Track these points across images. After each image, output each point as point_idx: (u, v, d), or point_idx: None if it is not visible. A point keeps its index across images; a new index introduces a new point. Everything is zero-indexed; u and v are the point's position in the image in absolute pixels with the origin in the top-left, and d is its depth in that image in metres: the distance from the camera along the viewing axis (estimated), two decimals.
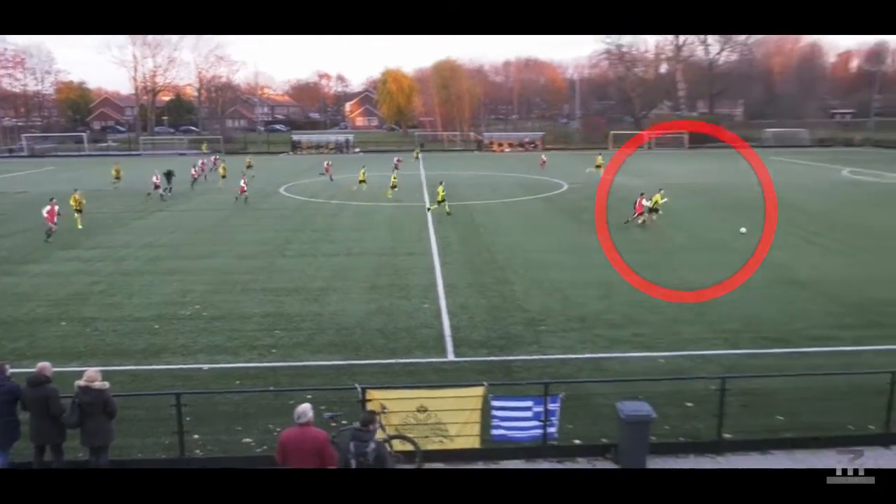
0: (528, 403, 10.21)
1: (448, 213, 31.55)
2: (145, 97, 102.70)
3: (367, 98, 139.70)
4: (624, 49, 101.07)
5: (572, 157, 68.95)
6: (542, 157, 59.74)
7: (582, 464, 10.12)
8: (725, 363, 13.57)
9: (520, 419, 10.23)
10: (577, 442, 10.49)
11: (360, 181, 41.80)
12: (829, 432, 10.67)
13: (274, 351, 14.58)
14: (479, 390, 10.13)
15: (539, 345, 14.84)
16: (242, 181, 37.74)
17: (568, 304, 17.79)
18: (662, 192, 30.02)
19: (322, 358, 14.19)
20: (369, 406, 9.81)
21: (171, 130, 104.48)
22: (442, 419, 10.06)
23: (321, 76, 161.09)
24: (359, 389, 10.06)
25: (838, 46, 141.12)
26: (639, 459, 9.90)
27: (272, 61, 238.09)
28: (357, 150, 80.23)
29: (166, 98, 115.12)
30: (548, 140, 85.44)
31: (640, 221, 28.46)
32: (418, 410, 10.04)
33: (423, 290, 19.22)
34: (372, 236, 27.40)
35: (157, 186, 39.04)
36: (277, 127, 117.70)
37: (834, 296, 18.30)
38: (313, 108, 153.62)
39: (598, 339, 15.17)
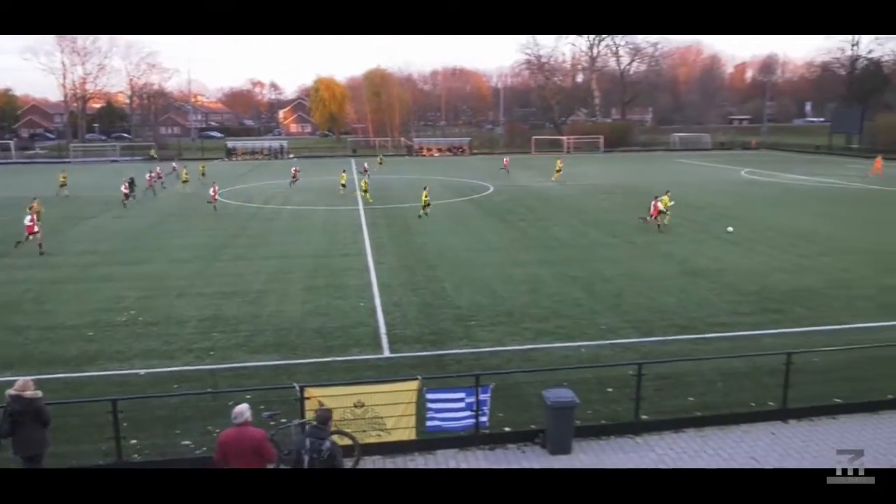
0: (461, 395, 10.67)
1: (419, 217, 31.80)
2: (75, 104, 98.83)
3: (300, 105, 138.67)
4: (543, 59, 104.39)
5: (498, 161, 70.32)
6: (505, 159, 59.98)
7: (512, 450, 10.71)
8: (641, 350, 14.50)
9: (453, 410, 10.67)
10: (507, 429, 10.97)
11: (342, 184, 41.76)
12: (734, 410, 11.60)
13: (212, 353, 14.59)
14: (414, 384, 10.54)
15: (470, 339, 15.45)
16: (212, 189, 36.87)
17: (496, 299, 18.53)
18: (669, 193, 30.06)
19: (260, 359, 14.31)
20: (308, 405, 10.11)
21: (103, 137, 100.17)
22: (379, 413, 10.41)
23: (254, 84, 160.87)
24: (297, 388, 10.30)
25: (735, 58, 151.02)
26: (565, 443, 10.55)
27: (205, 69, 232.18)
28: (292, 155, 79.29)
29: (97, 105, 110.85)
30: (474, 145, 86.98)
31: (657, 224, 28.46)
32: (356, 406, 10.35)
33: (358, 290, 19.56)
34: (307, 239, 27.52)
35: (127, 196, 37.71)
36: (212, 134, 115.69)
37: (734, 285, 19.74)
38: (247, 116, 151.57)
39: (525, 331, 15.92)
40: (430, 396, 10.56)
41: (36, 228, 24.75)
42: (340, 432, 10.22)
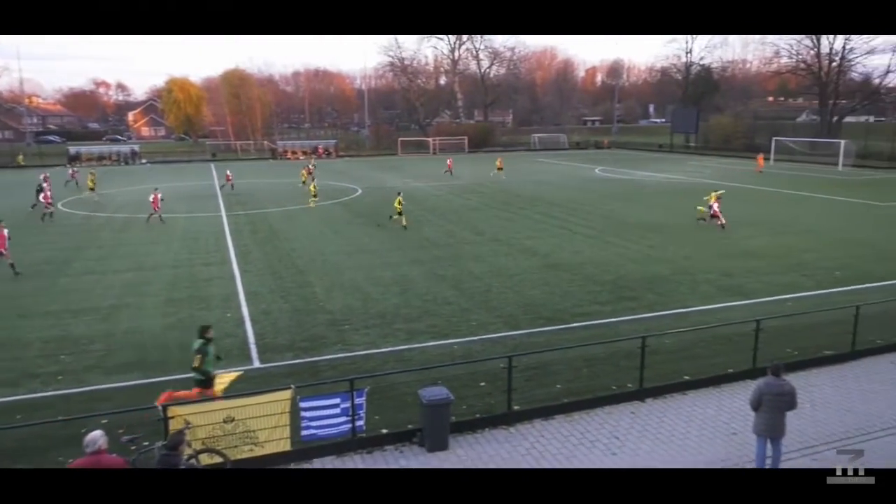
0: (336, 400, 10.55)
1: (404, 228, 29.25)
2: None
3: (151, 107, 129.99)
4: (406, 62, 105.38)
5: (365, 163, 70.19)
6: (448, 160, 58.98)
7: (390, 451, 10.72)
8: (510, 343, 14.99)
9: (328, 416, 10.52)
10: (384, 431, 10.96)
11: (313, 196, 38.25)
12: (598, 393, 12.32)
13: (60, 378, 13.33)
14: (286, 393, 10.27)
15: (343, 343, 15.25)
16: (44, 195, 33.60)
17: (368, 302, 18.44)
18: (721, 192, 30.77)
19: (117, 379, 13.29)
20: (172, 424, 9.56)
21: None
22: (250, 426, 10.06)
23: (98, 84, 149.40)
24: (159, 408, 9.73)
25: (586, 63, 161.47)
26: (442, 440, 10.74)
27: (39, 68, 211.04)
28: (144, 161, 74.15)
29: None
30: (341, 147, 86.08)
31: (718, 223, 28.54)
32: (225, 421, 9.95)
33: (223, 300, 18.71)
34: (165, 249, 25.82)
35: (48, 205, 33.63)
36: (50, 138, 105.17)
37: (592, 276, 20.97)
38: (91, 118, 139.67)
39: (399, 332, 15.96)
40: (303, 405, 10.34)
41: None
42: (210, 450, 9.78)
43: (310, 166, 52.15)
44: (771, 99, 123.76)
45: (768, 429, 9.63)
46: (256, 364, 14.12)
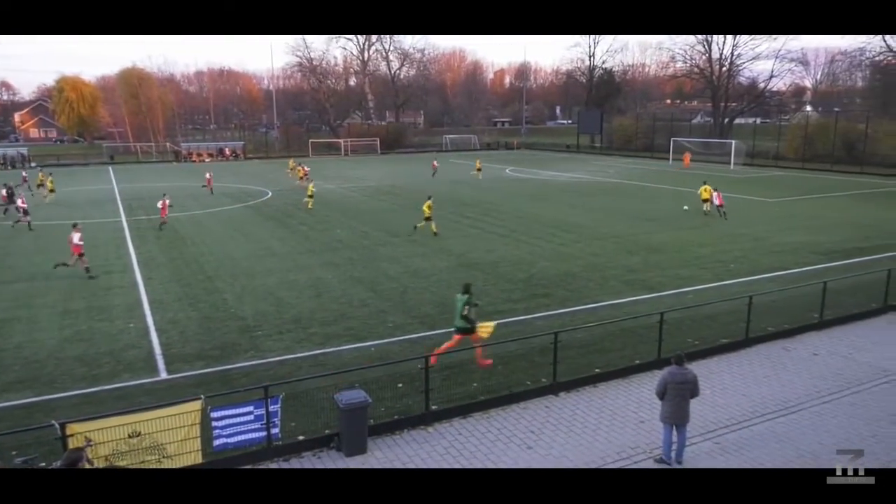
0: (249, 408, 10.28)
1: (434, 234, 27.79)
2: None
3: (41, 107, 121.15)
4: (315, 62, 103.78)
5: (274, 165, 68.58)
6: (434, 162, 58.70)
7: (307, 457, 10.54)
8: (427, 343, 15.00)
9: (241, 425, 10.25)
10: (301, 437, 10.77)
11: (309, 196, 36.65)
12: (513, 389, 12.56)
13: None
14: (196, 404, 9.92)
15: (256, 350, 14.84)
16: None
17: (282, 306, 18.03)
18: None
19: (8, 398, 12.36)
20: (72, 441, 9.01)
21: None
22: (158, 440, 9.65)
23: None
24: (56, 426, 9.14)
25: (495, 65, 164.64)
26: (360, 443, 10.64)
27: None
28: (34, 164, 69.26)
29: None
30: (248, 149, 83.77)
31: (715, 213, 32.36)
32: (130, 436, 9.49)
33: (126, 310, 17.78)
34: (59, 257, 24.11)
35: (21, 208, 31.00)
36: None
37: (506, 275, 21.38)
38: None
39: (314, 336, 15.69)
40: (214, 415, 10.03)
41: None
42: (113, 468, 9.27)
43: (304, 167, 51.03)
44: (668, 101, 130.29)
45: (673, 416, 10.13)
46: (163, 375, 13.51)
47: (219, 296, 19.11)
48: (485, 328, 13.75)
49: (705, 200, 33.12)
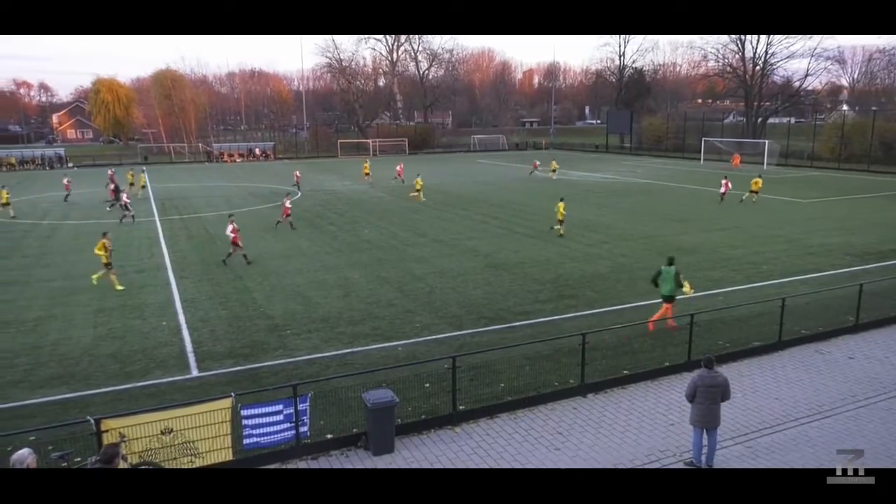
0: (279, 407, 10.41)
1: (560, 236, 27.63)
2: None
3: (78, 109, 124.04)
4: (344, 63, 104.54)
5: (303, 165, 69.19)
6: (535, 162, 60.29)
7: (335, 455, 10.62)
8: (454, 344, 15.07)
9: (271, 424, 10.37)
10: (329, 436, 10.84)
11: (418, 189, 39.23)
12: (541, 390, 12.50)
13: None
14: (227, 402, 10.07)
15: (285, 348, 15.00)
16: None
17: (310, 306, 18.19)
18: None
19: (44, 394, 12.66)
20: (106, 437, 9.21)
21: None
22: (190, 437, 9.81)
23: (19, 84, 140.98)
24: (91, 422, 9.35)
25: (524, 65, 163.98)
26: (387, 443, 10.70)
27: None
28: (71, 164, 71.04)
29: None
30: (279, 150, 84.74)
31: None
32: (163, 433, 9.66)
33: (159, 308, 18.12)
34: (94, 257, 24.63)
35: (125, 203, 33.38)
36: None
37: (533, 275, 21.28)
38: (12, 120, 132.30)
39: (341, 336, 15.81)
40: (245, 413, 10.16)
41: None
42: (147, 464, 9.47)
43: (399, 167, 51.16)
44: (700, 101, 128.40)
45: (703, 419, 9.99)
46: (195, 373, 13.73)
47: (248, 295, 19.37)
48: (688, 286, 16.34)
49: (754, 192, 36.74)
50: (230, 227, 23.19)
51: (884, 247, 25.29)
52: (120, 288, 19.86)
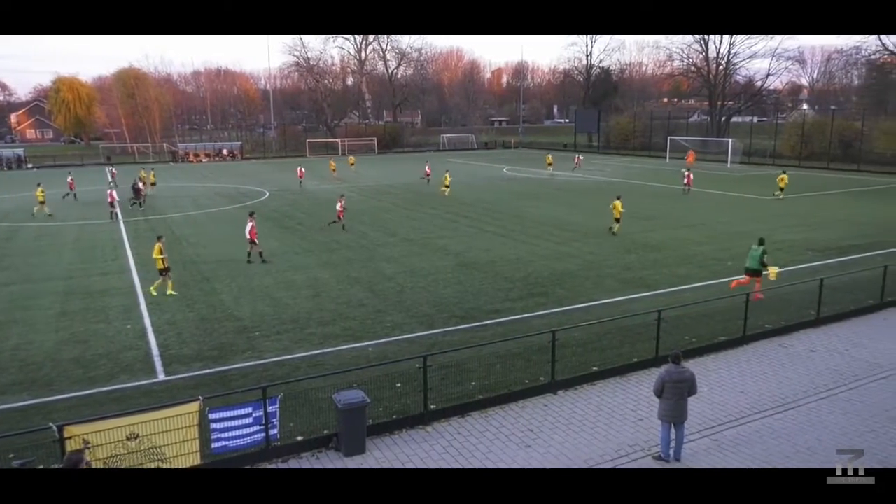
0: (248, 410, 10.27)
1: (614, 234, 27.77)
2: None
3: (37, 108, 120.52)
4: (312, 62, 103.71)
5: (271, 165, 68.53)
6: (578, 156, 61.51)
7: (306, 458, 10.53)
8: (425, 343, 15.05)
9: (240, 427, 10.23)
10: (299, 438, 10.77)
11: (446, 185, 41.24)
12: (512, 388, 12.56)
13: None
14: (194, 406, 9.90)
15: (254, 350, 14.83)
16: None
17: (279, 307, 18.02)
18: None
19: (5, 401, 12.34)
20: (70, 444, 8.99)
21: None
22: (156, 443, 9.62)
23: None
24: (54, 428, 9.12)
25: (492, 64, 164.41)
26: (358, 443, 10.65)
27: None
28: (30, 165, 69.22)
29: None
30: (246, 150, 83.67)
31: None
32: (128, 438, 9.46)
33: (123, 311, 17.77)
34: (56, 259, 24.19)
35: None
36: None
37: (504, 274, 21.38)
38: None
39: (312, 336, 15.69)
40: (213, 416, 10.01)
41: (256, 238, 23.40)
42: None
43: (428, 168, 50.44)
44: (665, 100, 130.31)
45: (671, 414, 10.15)
46: (161, 377, 13.50)
47: (216, 297, 19.10)
48: (773, 271, 17.93)
49: (781, 189, 39.21)
50: (249, 225, 23.15)
51: (843, 243, 25.97)
52: (173, 293, 19.33)
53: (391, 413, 11.67)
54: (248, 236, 23.10)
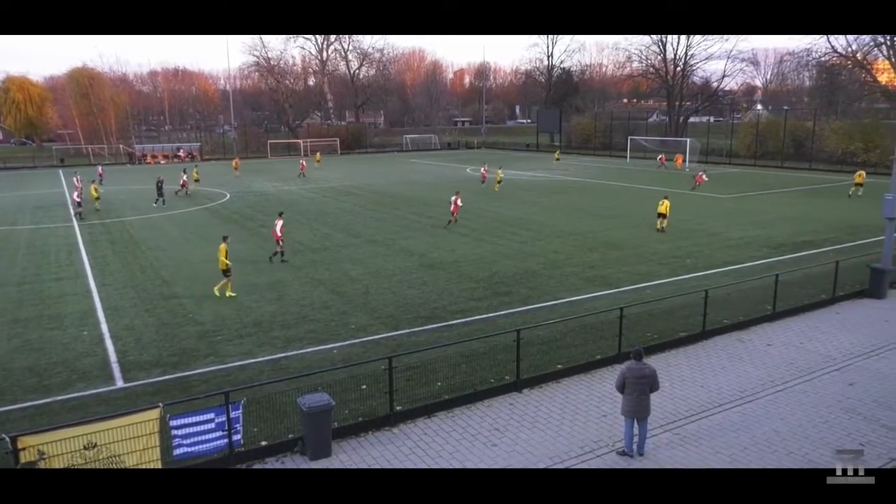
0: (210, 415, 10.09)
1: (660, 230, 28.52)
2: None
3: None
4: (273, 62, 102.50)
5: (232, 167, 67.42)
6: (661, 156, 61.49)
7: (271, 463, 10.40)
8: (391, 344, 15.01)
9: (202, 433, 10.05)
10: (264, 443, 10.62)
11: (498, 181, 44.09)
12: (477, 388, 12.60)
13: None
14: (154, 412, 9.69)
15: (216, 355, 14.58)
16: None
17: (241, 310, 17.75)
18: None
19: None
20: (24, 455, 8.72)
21: None
22: (115, 451, 9.38)
23: None
24: (7, 439, 8.83)
25: (455, 64, 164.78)
26: (324, 447, 10.55)
27: None
28: None
29: None
30: (206, 151, 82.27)
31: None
32: (86, 448, 9.20)
33: (79, 317, 17.29)
34: (7, 264, 23.36)
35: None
36: None
37: (468, 274, 21.44)
38: None
39: (275, 340, 15.50)
40: (174, 423, 9.80)
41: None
42: None
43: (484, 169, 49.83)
44: (625, 101, 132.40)
45: (634, 410, 10.30)
46: (120, 384, 13.17)
47: (176, 301, 18.72)
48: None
49: (858, 185, 39.59)
50: (279, 225, 23.25)
51: (797, 239, 26.74)
52: (232, 295, 19.06)
53: (357, 415, 11.59)
54: (279, 233, 23.18)
